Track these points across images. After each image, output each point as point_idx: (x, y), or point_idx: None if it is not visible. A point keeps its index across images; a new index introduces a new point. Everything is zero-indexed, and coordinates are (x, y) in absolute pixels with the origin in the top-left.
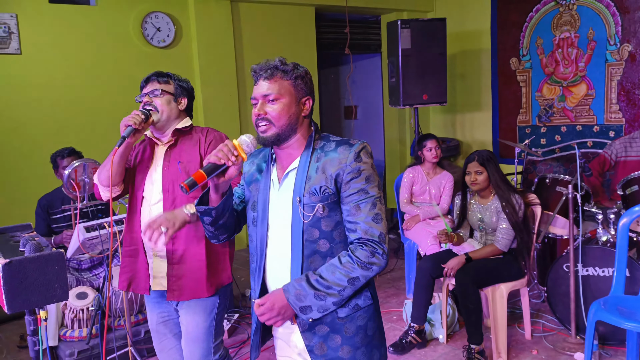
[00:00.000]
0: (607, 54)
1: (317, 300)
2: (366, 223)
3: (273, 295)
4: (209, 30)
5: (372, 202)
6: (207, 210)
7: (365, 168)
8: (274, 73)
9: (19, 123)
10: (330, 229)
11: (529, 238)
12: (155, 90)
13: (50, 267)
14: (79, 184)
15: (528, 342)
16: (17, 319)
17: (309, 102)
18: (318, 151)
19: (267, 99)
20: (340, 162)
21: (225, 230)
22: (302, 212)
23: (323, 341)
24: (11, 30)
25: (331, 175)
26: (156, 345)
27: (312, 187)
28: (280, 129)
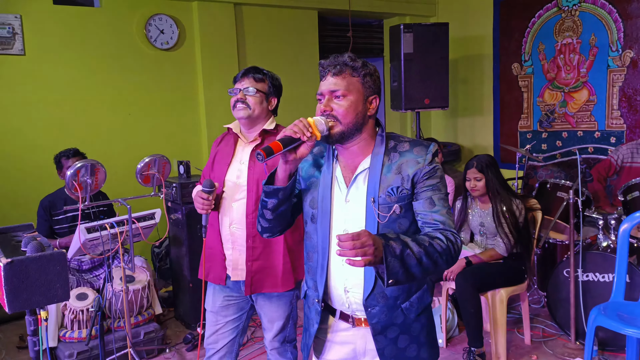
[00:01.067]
0: (609, 60)
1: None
2: (441, 215)
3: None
4: (212, 33)
5: (444, 197)
6: (275, 191)
7: (439, 167)
8: (343, 69)
9: (22, 123)
10: (405, 230)
11: (529, 243)
12: (250, 89)
13: (52, 267)
14: (81, 184)
15: (527, 347)
16: (16, 319)
17: (376, 100)
18: (391, 151)
19: (334, 95)
20: (418, 163)
21: (282, 220)
22: (378, 212)
23: (393, 343)
24: (15, 31)
25: (408, 176)
26: (210, 327)
27: (389, 187)
28: (346, 127)
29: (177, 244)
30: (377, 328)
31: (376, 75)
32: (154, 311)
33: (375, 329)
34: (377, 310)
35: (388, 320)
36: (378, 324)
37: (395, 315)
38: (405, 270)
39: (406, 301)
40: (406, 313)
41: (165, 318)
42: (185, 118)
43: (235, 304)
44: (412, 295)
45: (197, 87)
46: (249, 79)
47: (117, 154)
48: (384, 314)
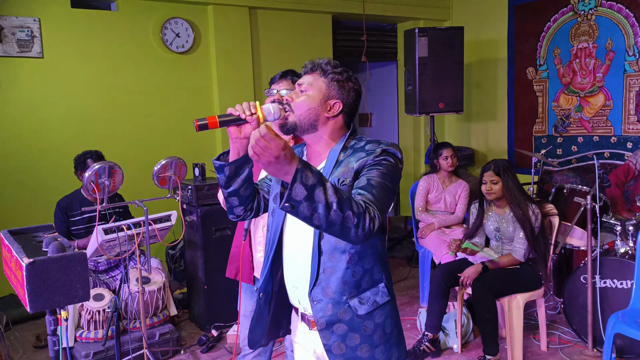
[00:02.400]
0: (626, 64)
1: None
2: (369, 192)
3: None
4: (227, 36)
5: (381, 183)
6: (221, 166)
7: (389, 163)
8: (315, 69)
9: (40, 125)
10: None
11: (545, 248)
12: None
13: (73, 267)
14: (99, 186)
15: (544, 354)
16: (32, 319)
17: (338, 105)
18: (348, 150)
19: (300, 88)
20: (365, 157)
21: (239, 200)
22: None
23: (341, 340)
24: (34, 34)
25: (352, 168)
26: (244, 331)
27: (332, 179)
28: (298, 119)
29: (192, 246)
30: (322, 323)
31: (349, 85)
32: (169, 312)
33: (320, 323)
34: (322, 304)
35: (334, 316)
36: (323, 318)
37: (341, 311)
38: (310, 203)
39: (354, 297)
40: (354, 310)
41: (180, 320)
42: None
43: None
44: (361, 292)
45: (212, 90)
46: (287, 81)
47: (134, 156)
48: (330, 309)
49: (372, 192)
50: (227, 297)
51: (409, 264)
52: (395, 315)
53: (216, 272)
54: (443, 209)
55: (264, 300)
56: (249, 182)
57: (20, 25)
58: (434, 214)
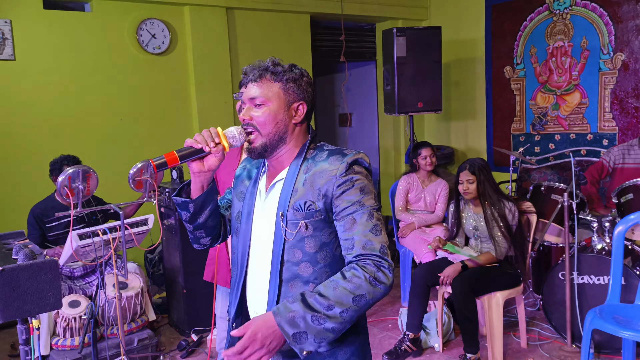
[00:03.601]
0: (601, 63)
1: (315, 324)
2: (364, 236)
3: (255, 322)
4: (204, 37)
5: (368, 212)
6: (184, 203)
7: (358, 178)
8: (263, 75)
9: (12, 129)
10: (314, 251)
11: (523, 246)
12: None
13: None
14: (73, 190)
15: (524, 351)
16: (7, 327)
17: (302, 107)
18: (309, 161)
19: (254, 103)
20: (330, 174)
21: (206, 232)
22: (285, 229)
23: None
24: (5, 36)
25: (319, 190)
26: (221, 333)
27: (297, 201)
28: (267, 137)
29: (171, 250)
30: (277, 355)
31: (304, 81)
32: (148, 318)
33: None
34: None
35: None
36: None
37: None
38: (319, 335)
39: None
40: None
41: (159, 325)
42: (177, 123)
43: None
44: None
45: (189, 91)
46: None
47: (109, 160)
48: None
49: (366, 234)
50: (207, 301)
51: None
52: (363, 352)
53: (195, 276)
54: (423, 208)
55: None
56: (215, 212)
57: None
58: (414, 214)
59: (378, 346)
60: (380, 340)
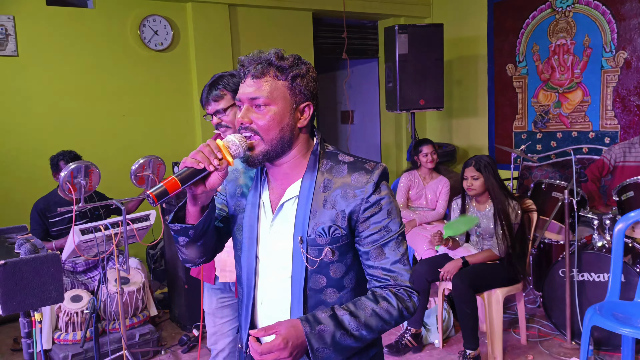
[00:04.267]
0: (603, 60)
1: (340, 341)
2: (394, 267)
3: (284, 328)
4: (206, 34)
5: (396, 240)
6: (184, 230)
7: (386, 200)
8: (266, 69)
9: (15, 125)
10: (340, 276)
11: (524, 244)
12: (218, 112)
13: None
14: (75, 186)
15: (523, 347)
16: (10, 321)
17: (309, 109)
18: (324, 175)
19: (254, 103)
20: (356, 196)
21: (203, 252)
22: (306, 255)
23: None
24: (8, 32)
25: (343, 212)
26: (210, 328)
27: (320, 226)
28: (270, 145)
29: (172, 246)
30: None
31: (310, 77)
32: (149, 313)
33: None
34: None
35: None
36: None
37: None
38: (339, 351)
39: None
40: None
41: (161, 320)
42: (179, 119)
43: (230, 305)
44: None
45: (191, 88)
46: (211, 104)
47: (112, 155)
48: None
49: (395, 264)
50: None
51: None
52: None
53: None
54: (424, 206)
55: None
56: (213, 231)
57: None
58: (415, 211)
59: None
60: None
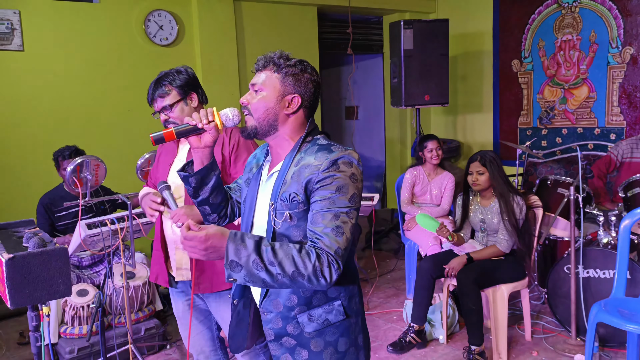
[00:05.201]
0: (609, 56)
1: (252, 267)
2: (325, 234)
3: (216, 229)
4: (211, 28)
5: (335, 212)
6: (185, 178)
7: (339, 177)
8: (267, 64)
9: (21, 119)
10: (301, 239)
11: (529, 240)
12: (166, 107)
13: (54, 262)
14: (81, 180)
15: (528, 344)
16: (16, 315)
17: (296, 100)
18: (301, 153)
19: (253, 88)
20: (314, 169)
21: (211, 208)
22: (274, 218)
23: (289, 353)
24: (14, 27)
25: (302, 182)
26: (182, 332)
27: (284, 192)
28: (257, 121)
29: None
30: (270, 334)
31: (304, 77)
32: (155, 307)
33: (269, 334)
34: (271, 316)
35: (282, 329)
36: (271, 329)
37: (289, 325)
38: (251, 277)
39: (303, 313)
40: (302, 326)
41: (166, 314)
42: None
43: (197, 307)
44: (312, 309)
45: None
46: (157, 101)
47: (117, 150)
48: (278, 321)
49: (326, 233)
50: None
51: (395, 256)
52: (353, 333)
53: None
54: (429, 201)
55: (242, 305)
56: (218, 189)
57: None
58: (420, 206)
59: (383, 337)
60: (385, 331)
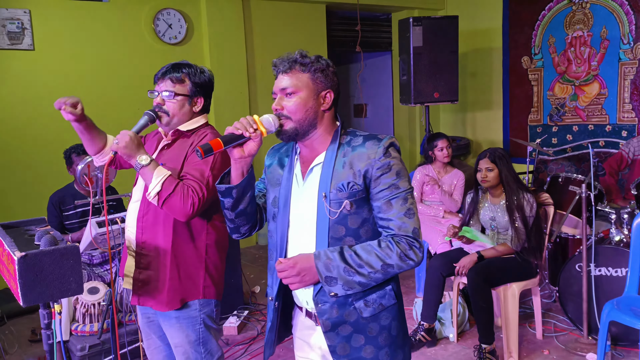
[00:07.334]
0: (621, 53)
1: (345, 274)
2: (399, 219)
3: (299, 255)
4: (220, 27)
5: (403, 197)
6: (228, 190)
7: (395, 162)
8: (292, 66)
9: (32, 118)
10: (357, 226)
11: (540, 237)
12: (169, 92)
13: (66, 260)
14: (92, 179)
15: (539, 342)
16: (27, 313)
17: (330, 95)
18: (344, 146)
19: (285, 92)
20: (369, 158)
21: (246, 219)
22: (329, 208)
23: (346, 341)
24: (24, 26)
25: (359, 171)
26: (144, 343)
27: (340, 182)
28: (298, 123)
29: None
30: (327, 325)
31: (330, 71)
32: None
33: (326, 325)
34: (327, 306)
35: (339, 317)
36: (328, 320)
37: (346, 313)
38: (349, 284)
39: (359, 300)
40: (359, 312)
41: None
42: None
43: (154, 321)
44: (367, 295)
45: None
46: (166, 82)
47: None
48: (335, 310)
49: (400, 217)
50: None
51: None
52: (402, 318)
53: None
54: (438, 200)
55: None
56: (254, 198)
57: (10, 17)
58: (430, 205)
59: None
60: None
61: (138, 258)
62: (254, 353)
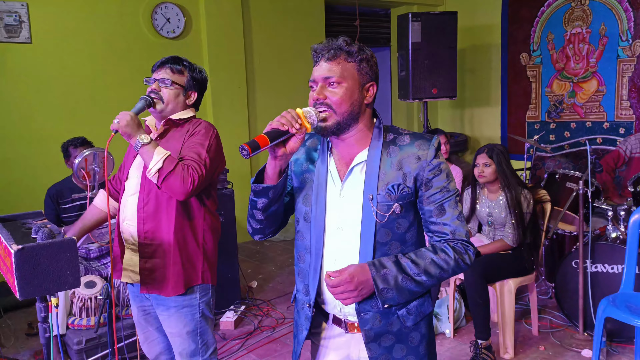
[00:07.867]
0: (619, 50)
1: (402, 284)
2: (453, 223)
3: (353, 267)
4: (218, 21)
5: (454, 199)
6: (265, 190)
7: (444, 164)
8: (338, 54)
9: (29, 112)
10: (404, 231)
11: (537, 234)
12: (166, 80)
13: (63, 254)
14: (89, 172)
15: (535, 338)
16: (24, 307)
17: (373, 88)
18: (390, 144)
19: (328, 82)
20: (420, 159)
21: (274, 220)
22: (376, 211)
23: (387, 352)
24: (22, 19)
25: (410, 173)
26: (140, 337)
27: (389, 184)
28: (342, 117)
29: None
30: (370, 335)
31: (373, 61)
32: None
33: (368, 335)
34: (370, 315)
35: (382, 327)
36: (371, 330)
37: (390, 323)
38: (401, 293)
39: (402, 308)
40: (402, 320)
41: None
42: None
43: (151, 314)
44: (409, 303)
45: None
46: (165, 70)
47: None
48: (378, 320)
49: (454, 221)
50: (220, 282)
51: None
52: (432, 323)
53: None
54: None
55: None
56: (283, 200)
57: (7, 10)
58: None
59: None
60: None
61: (142, 248)
62: (251, 348)
